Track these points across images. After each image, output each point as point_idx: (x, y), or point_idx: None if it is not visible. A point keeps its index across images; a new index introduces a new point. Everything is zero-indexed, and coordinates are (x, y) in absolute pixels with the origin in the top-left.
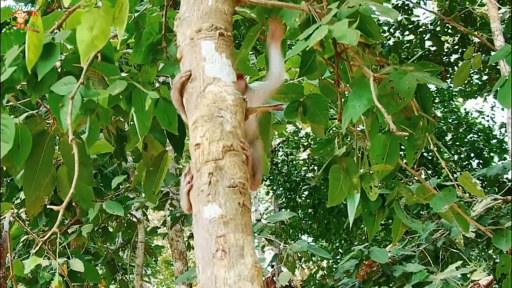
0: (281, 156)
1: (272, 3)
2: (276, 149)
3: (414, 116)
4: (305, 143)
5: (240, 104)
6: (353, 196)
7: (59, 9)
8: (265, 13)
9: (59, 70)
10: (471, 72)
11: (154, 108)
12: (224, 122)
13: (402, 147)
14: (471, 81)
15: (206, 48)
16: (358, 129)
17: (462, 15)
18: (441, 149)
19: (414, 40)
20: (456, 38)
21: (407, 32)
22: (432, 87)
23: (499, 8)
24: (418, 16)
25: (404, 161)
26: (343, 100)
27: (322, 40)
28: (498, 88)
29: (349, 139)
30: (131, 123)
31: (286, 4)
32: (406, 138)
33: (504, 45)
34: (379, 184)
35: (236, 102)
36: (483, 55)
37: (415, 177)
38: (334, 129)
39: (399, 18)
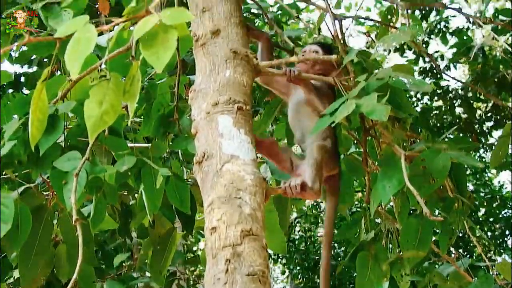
0: (298, 232)
1: None
2: (293, 224)
3: (449, 197)
4: None
5: (260, 184)
6: (382, 285)
7: (58, 72)
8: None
9: (60, 141)
10: None
11: (165, 185)
12: (243, 204)
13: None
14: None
15: (223, 123)
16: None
17: (496, 79)
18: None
19: (443, 107)
20: (490, 105)
21: (436, 98)
22: None
23: None
24: (448, 81)
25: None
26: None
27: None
28: None
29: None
30: (137, 195)
31: (310, 75)
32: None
33: None
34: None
35: (255, 182)
36: None
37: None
38: (356, 202)
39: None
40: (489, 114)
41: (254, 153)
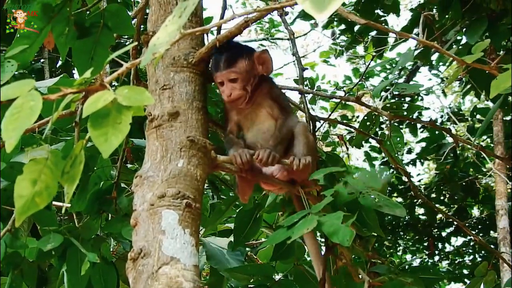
0: None
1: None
2: None
3: None
4: None
5: None
6: None
7: None
8: None
9: None
10: (464, 251)
11: (91, 269)
12: None
13: None
14: (463, 262)
15: (167, 219)
16: None
17: (464, 183)
18: None
19: (403, 204)
20: (453, 210)
21: (395, 194)
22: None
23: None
24: (412, 177)
25: None
26: None
27: None
28: None
29: None
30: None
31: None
32: None
33: None
34: None
35: None
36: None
37: None
38: None
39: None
40: (450, 220)
41: (197, 259)
